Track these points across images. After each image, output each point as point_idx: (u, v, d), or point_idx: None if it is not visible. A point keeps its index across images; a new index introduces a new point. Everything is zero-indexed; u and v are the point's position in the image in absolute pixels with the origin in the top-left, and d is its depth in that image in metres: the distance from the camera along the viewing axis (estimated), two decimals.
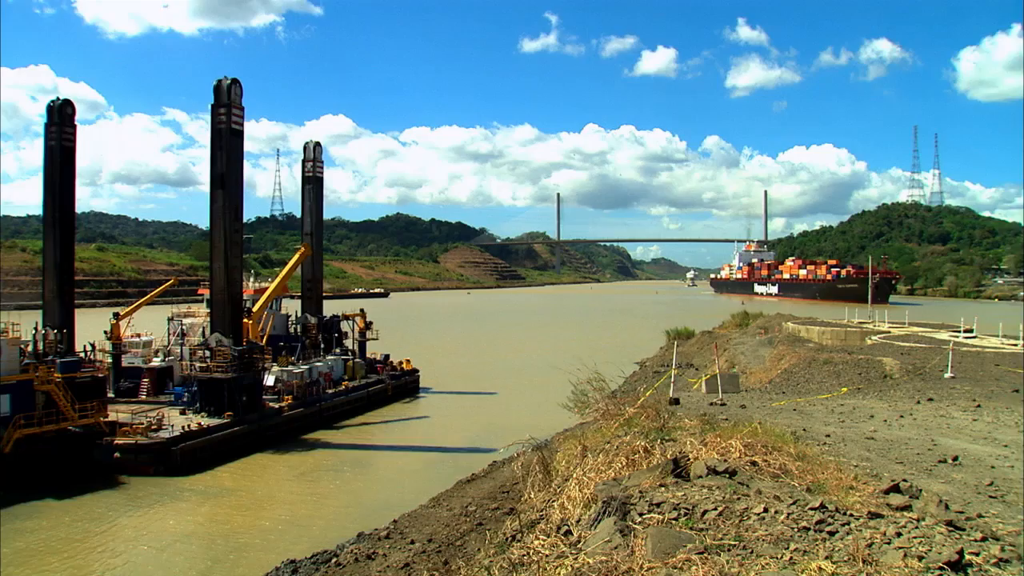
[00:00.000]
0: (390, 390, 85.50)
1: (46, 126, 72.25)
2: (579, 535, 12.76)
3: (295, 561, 33.76)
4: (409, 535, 30.13)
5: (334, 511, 47.14)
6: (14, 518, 46.04)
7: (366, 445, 66.53)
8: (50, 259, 72.15)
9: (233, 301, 66.55)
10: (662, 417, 21.56)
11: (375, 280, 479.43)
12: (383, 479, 56.22)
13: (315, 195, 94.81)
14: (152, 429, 57.68)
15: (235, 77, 66.34)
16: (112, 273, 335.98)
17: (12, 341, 54.65)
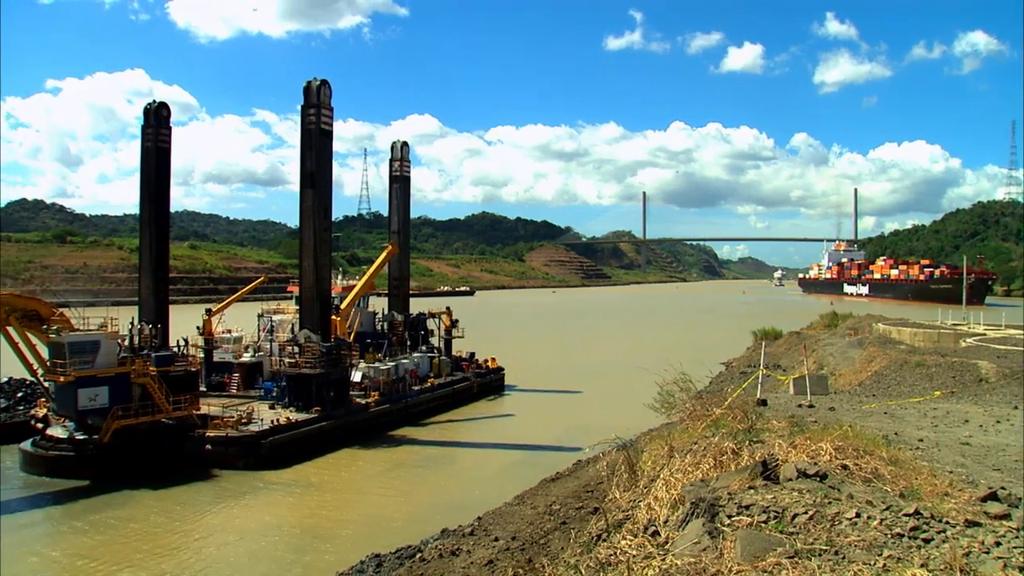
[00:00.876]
0: (475, 388, 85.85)
1: (142, 128, 74.14)
2: (667, 536, 12.64)
3: (379, 555, 34.03)
4: (493, 532, 30.14)
5: (418, 507, 47.41)
6: (110, 506, 47.41)
7: (451, 442, 66.85)
8: (146, 257, 73.99)
9: (322, 298, 67.40)
10: (750, 418, 21.24)
11: (461, 278, 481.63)
12: (467, 476, 56.44)
13: (402, 194, 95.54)
14: (242, 423, 58.77)
15: (324, 78, 67.22)
16: (204, 271, 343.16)
17: (110, 336, 56.13)
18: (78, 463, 53.49)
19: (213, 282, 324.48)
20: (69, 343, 53.31)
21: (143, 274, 74.66)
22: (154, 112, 73.84)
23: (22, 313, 53.37)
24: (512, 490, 40.54)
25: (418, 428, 70.34)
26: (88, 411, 53.72)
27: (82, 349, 53.78)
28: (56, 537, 43.56)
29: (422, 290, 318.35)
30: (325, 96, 67.35)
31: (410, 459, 59.96)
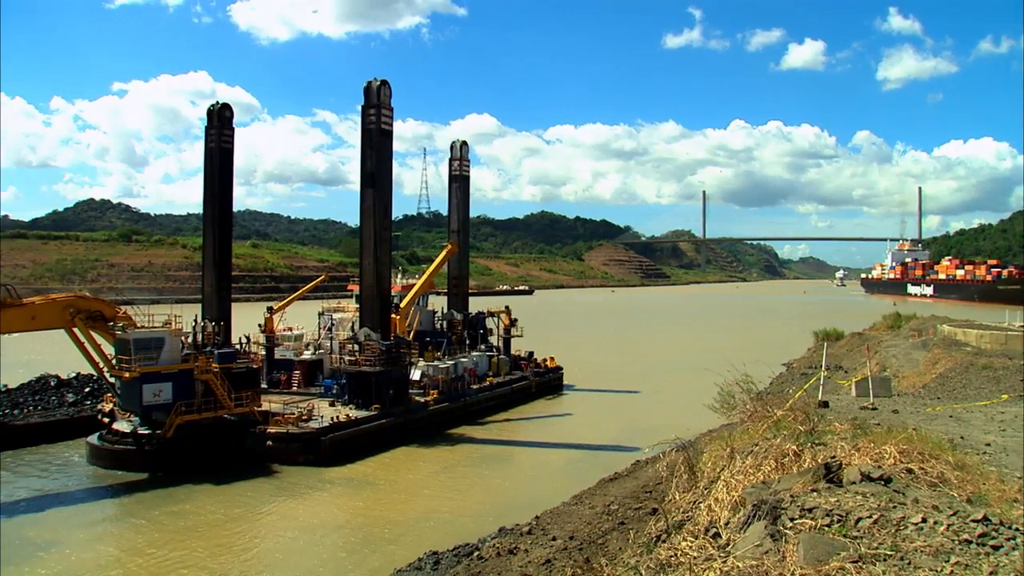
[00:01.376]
0: (534, 387, 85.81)
1: (206, 129, 75.14)
2: (728, 538, 12.50)
3: (437, 553, 34.12)
4: (551, 531, 30.09)
5: (476, 505, 47.52)
6: (172, 500, 48.15)
7: (509, 441, 66.89)
8: (209, 255, 74.91)
9: (382, 297, 67.76)
10: (811, 420, 20.95)
11: (520, 277, 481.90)
12: (525, 475, 56.42)
13: (461, 193, 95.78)
14: (303, 420, 59.30)
15: (384, 79, 67.56)
16: (266, 269, 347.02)
17: (174, 333, 57.03)
18: (140, 457, 54.58)
19: (274, 280, 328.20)
20: (134, 340, 54.33)
21: (206, 272, 75.60)
22: (217, 113, 74.76)
23: (86, 314, 54.56)
24: (570, 489, 40.44)
25: (476, 427, 70.50)
26: (152, 406, 54.68)
27: (147, 346, 54.78)
28: (117, 530, 44.38)
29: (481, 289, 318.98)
30: (385, 96, 67.67)
31: (468, 458, 60.10)
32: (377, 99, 67.15)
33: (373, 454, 59.08)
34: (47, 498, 49.56)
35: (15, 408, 67.28)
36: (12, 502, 48.54)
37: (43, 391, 71.49)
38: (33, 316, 52.84)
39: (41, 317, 53.33)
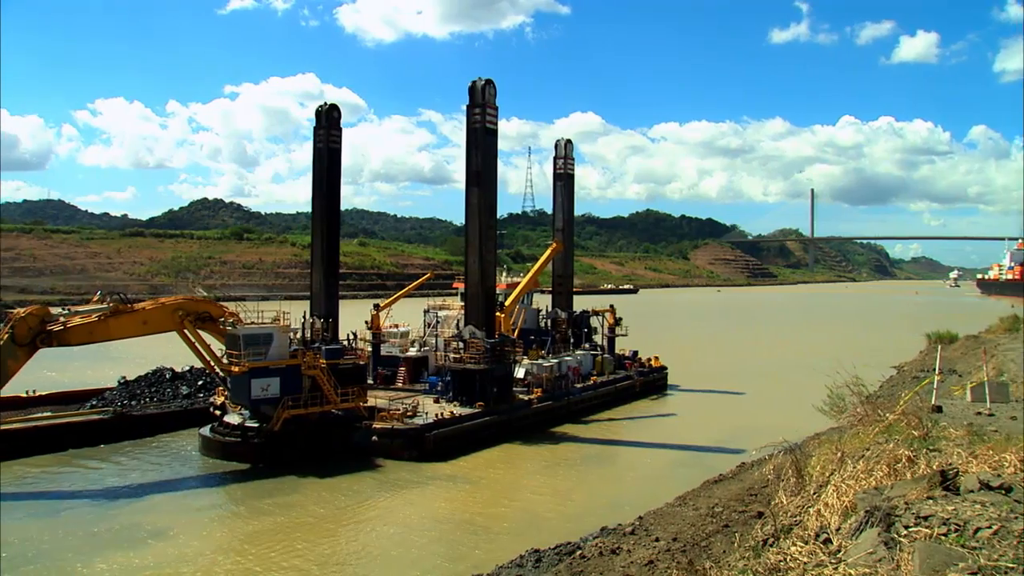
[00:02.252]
0: (638, 386, 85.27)
1: (315, 129, 76.62)
2: (839, 544, 12.18)
3: (538, 551, 34.02)
4: (654, 532, 29.79)
5: (578, 504, 47.37)
6: (278, 492, 49.22)
7: (612, 440, 66.55)
8: (317, 253, 76.30)
9: (487, 295, 68.04)
10: (925, 425, 20.37)
11: (624, 276, 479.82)
12: (627, 475, 56.10)
13: (566, 192, 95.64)
14: (408, 416, 59.87)
15: (489, 78, 67.82)
16: (372, 267, 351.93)
17: (283, 329, 58.19)
18: (247, 449, 56.05)
19: (381, 278, 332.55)
20: (244, 336, 55.73)
21: (315, 270, 76.95)
22: (325, 114, 76.10)
23: (195, 316, 56.56)
24: (673, 490, 40.02)
25: (579, 426, 70.31)
26: (260, 400, 55.92)
27: (256, 341, 56.12)
28: (224, 520, 45.43)
29: (585, 288, 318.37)
30: (490, 95, 67.93)
31: (571, 456, 59.98)
32: (482, 98, 67.43)
33: (476, 451, 59.38)
34: (161, 486, 51.34)
35: (133, 399, 69.74)
36: (129, 489, 50.42)
37: (159, 383, 73.87)
38: (144, 321, 55.07)
39: (152, 322, 55.39)
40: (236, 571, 36.73)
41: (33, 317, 51.46)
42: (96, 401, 69.22)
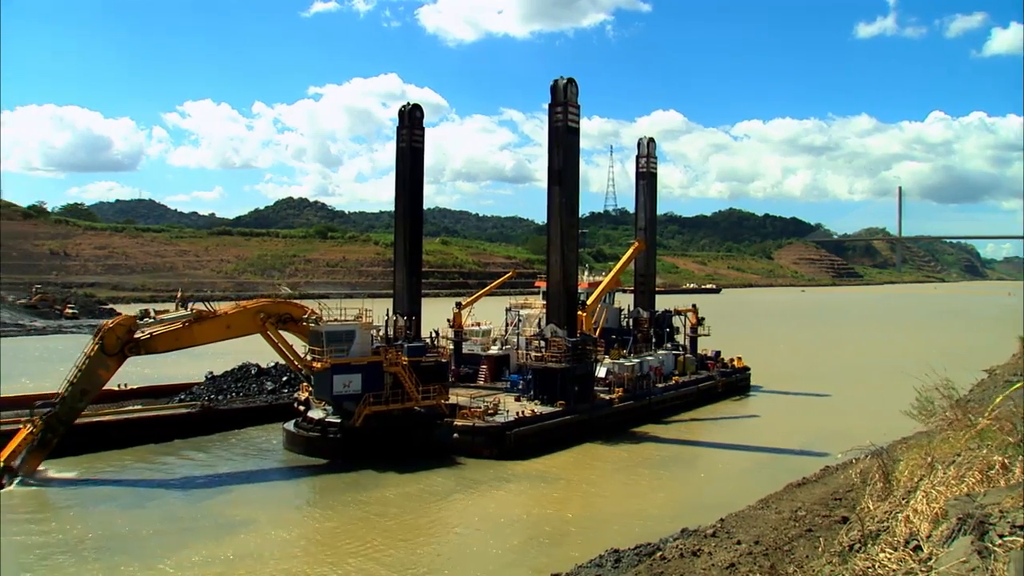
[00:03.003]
0: (720, 387, 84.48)
1: (397, 129, 77.31)
2: (930, 552, 11.85)
3: (618, 551, 33.82)
4: (735, 535, 29.44)
5: (658, 505, 47.10)
6: (358, 487, 49.88)
7: (693, 441, 65.97)
8: (400, 251, 76.88)
9: (568, 293, 67.90)
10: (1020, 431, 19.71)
11: (707, 276, 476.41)
12: (708, 476, 55.68)
13: (648, 190, 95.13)
14: (489, 413, 60.01)
15: (570, 77, 67.63)
16: (454, 265, 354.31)
17: (365, 326, 58.86)
18: (328, 444, 56.94)
19: (463, 276, 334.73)
20: (326, 333, 56.54)
21: (397, 268, 77.54)
22: (408, 114, 76.65)
23: (276, 317, 57.48)
24: (755, 493, 39.55)
25: (660, 426, 69.85)
26: (342, 396, 56.68)
27: (338, 338, 56.91)
28: (305, 514, 46.21)
29: (668, 287, 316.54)
30: (572, 94, 67.76)
31: (651, 456, 59.62)
32: (564, 97, 67.29)
33: (557, 450, 59.30)
34: (245, 479, 52.47)
35: (219, 394, 71.40)
36: (215, 481, 51.70)
37: (244, 379, 75.47)
38: (228, 325, 56.31)
39: (235, 325, 56.58)
40: (313, 566, 37.22)
41: (121, 327, 52.99)
42: (184, 395, 71.06)
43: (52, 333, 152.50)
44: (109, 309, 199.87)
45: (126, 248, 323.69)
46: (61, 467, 52.33)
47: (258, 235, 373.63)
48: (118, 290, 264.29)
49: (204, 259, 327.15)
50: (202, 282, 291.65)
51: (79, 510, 46.16)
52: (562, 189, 67.47)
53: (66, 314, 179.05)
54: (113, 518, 43.88)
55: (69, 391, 51.58)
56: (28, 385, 78.76)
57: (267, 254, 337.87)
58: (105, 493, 49.04)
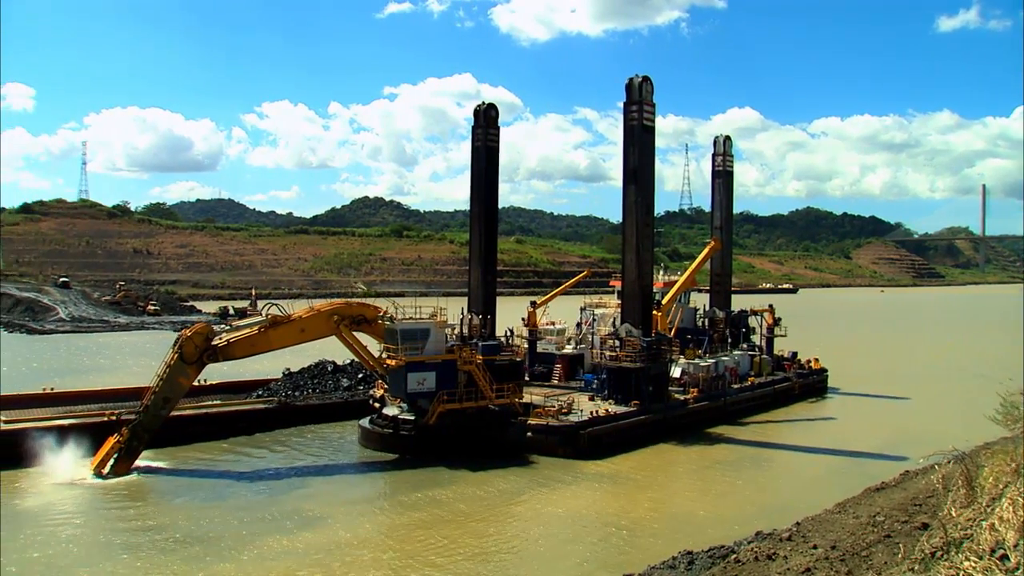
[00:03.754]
0: (797, 388, 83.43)
1: (473, 128, 77.69)
2: (1017, 562, 11.58)
3: (691, 552, 33.60)
4: (811, 539, 29.04)
5: (731, 507, 46.69)
6: (431, 484, 50.29)
7: (768, 443, 65.21)
8: (475, 250, 77.26)
9: (643, 293, 67.63)
10: None
11: (783, 275, 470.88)
12: (784, 479, 55.03)
13: (724, 189, 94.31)
14: (562, 413, 60.04)
15: (645, 75, 67.30)
16: (529, 264, 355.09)
17: (439, 324, 59.26)
18: (402, 441, 57.61)
19: (537, 275, 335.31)
20: (401, 331, 57.17)
21: (472, 267, 77.92)
22: (483, 113, 77.00)
23: (350, 320, 58.19)
24: (831, 497, 39.03)
25: (735, 427, 69.19)
26: (416, 394, 57.24)
27: (413, 336, 57.49)
28: (377, 510, 46.55)
29: (743, 287, 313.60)
30: (647, 92, 67.45)
31: (726, 458, 59.10)
32: (639, 95, 67.03)
33: (630, 450, 59.09)
34: (320, 474, 53.44)
35: (296, 390, 72.52)
36: (291, 475, 52.71)
37: (321, 375, 76.56)
38: (302, 329, 57.25)
39: (310, 329, 57.50)
40: (383, 562, 37.60)
41: (198, 335, 53.95)
42: (262, 391, 72.32)
43: (135, 329, 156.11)
44: (189, 306, 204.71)
45: (206, 246, 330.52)
46: (143, 458, 53.67)
47: (334, 234, 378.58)
48: (198, 287, 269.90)
49: (282, 257, 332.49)
50: (279, 280, 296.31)
51: (160, 501, 47.66)
52: (638, 188, 67.24)
53: (148, 311, 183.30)
54: (192, 510, 44.99)
55: (152, 399, 53.02)
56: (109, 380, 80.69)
57: (343, 253, 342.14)
58: (184, 485, 50.43)
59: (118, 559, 37.80)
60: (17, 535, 40.47)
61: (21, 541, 39.64)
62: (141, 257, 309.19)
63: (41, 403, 65.01)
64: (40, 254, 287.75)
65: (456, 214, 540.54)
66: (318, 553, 38.26)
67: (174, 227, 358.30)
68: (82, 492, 48.63)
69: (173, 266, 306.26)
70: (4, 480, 49.83)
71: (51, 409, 62.80)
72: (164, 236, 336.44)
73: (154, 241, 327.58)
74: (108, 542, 40.37)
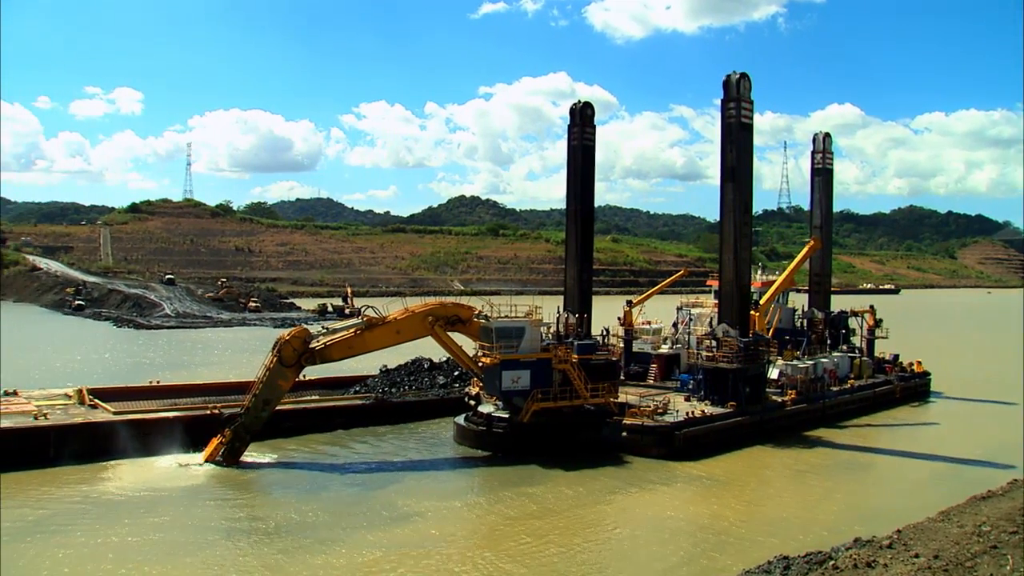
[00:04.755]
0: (898, 392, 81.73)
1: (568, 127, 77.89)
2: None
3: (787, 558, 33.17)
4: (913, 548, 28.50)
5: (828, 512, 46.05)
6: (523, 482, 50.66)
7: (868, 448, 64.00)
8: (572, 249, 77.41)
9: (741, 293, 67.01)
10: None
11: (885, 276, 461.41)
12: (883, 485, 54.06)
13: (824, 187, 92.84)
14: (658, 413, 59.77)
15: (743, 72, 66.63)
16: (625, 263, 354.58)
17: (534, 323, 59.54)
18: (495, 439, 58.08)
19: (633, 274, 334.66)
20: (496, 329, 57.65)
21: (568, 265, 77.99)
22: (579, 112, 76.99)
23: (445, 320, 58.80)
24: (934, 505, 38.26)
25: (834, 430, 68.00)
26: (511, 392, 57.56)
27: (508, 334, 57.91)
28: (468, 507, 47.05)
29: (843, 287, 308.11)
30: (745, 89, 66.80)
31: (823, 462, 58.22)
32: (737, 92, 66.41)
33: (726, 452, 58.62)
34: (416, 470, 54.32)
35: (393, 386, 73.69)
36: (386, 470, 53.72)
37: (417, 372, 77.64)
38: (398, 331, 58.28)
39: (405, 330, 58.46)
40: (474, 559, 37.91)
41: (296, 339, 55.17)
42: (359, 387, 73.67)
43: (237, 325, 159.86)
44: (289, 303, 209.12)
45: (305, 245, 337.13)
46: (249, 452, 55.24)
47: (431, 232, 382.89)
48: (298, 285, 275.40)
49: (379, 256, 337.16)
50: (377, 278, 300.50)
51: (258, 493, 49.25)
52: (735, 186, 66.64)
53: (250, 307, 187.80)
54: (288, 502, 46.19)
55: (253, 402, 54.53)
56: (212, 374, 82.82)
57: (440, 251, 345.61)
58: (282, 478, 51.82)
59: (218, 546, 39.07)
60: (122, 520, 42.17)
61: (126, 526, 41.22)
62: (243, 255, 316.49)
63: (148, 396, 67.77)
64: (147, 252, 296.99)
65: (552, 213, 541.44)
66: (407, 548, 38.88)
67: (274, 226, 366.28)
68: (185, 481, 50.21)
69: (274, 264, 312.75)
70: (111, 469, 52.03)
71: (157, 401, 65.66)
72: (265, 235, 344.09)
73: (255, 239, 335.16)
74: (208, 529, 41.71)
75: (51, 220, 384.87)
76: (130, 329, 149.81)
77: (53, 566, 35.98)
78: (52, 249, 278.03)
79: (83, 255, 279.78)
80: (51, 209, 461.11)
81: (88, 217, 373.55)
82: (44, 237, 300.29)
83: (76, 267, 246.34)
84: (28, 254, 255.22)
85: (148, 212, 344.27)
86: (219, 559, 37.38)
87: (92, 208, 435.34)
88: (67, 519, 42.36)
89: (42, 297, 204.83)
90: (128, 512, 43.58)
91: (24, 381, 72.10)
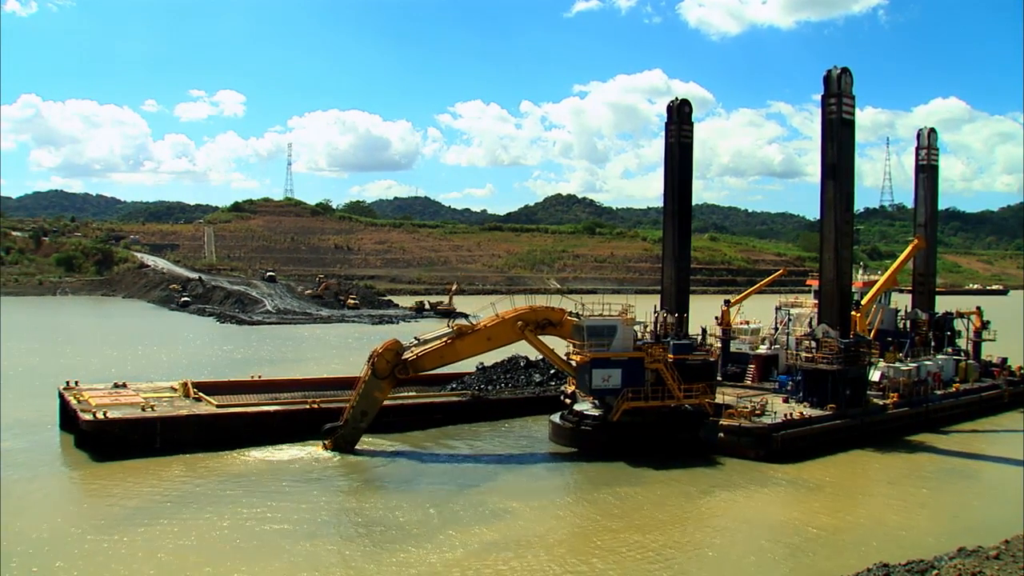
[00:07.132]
0: (1007, 396, 79.09)
1: (666, 125, 77.28)
2: None
3: (887, 566, 32.31)
4: (1022, 560, 27.50)
5: (931, 520, 45.10)
6: (615, 481, 50.75)
7: (973, 454, 62.16)
8: (669, 248, 76.82)
9: (842, 293, 65.72)
10: None
11: (993, 276, 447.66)
12: (989, 493, 52.49)
13: (929, 184, 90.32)
14: (755, 414, 58.93)
15: (844, 67, 65.34)
16: (723, 262, 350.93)
17: (627, 322, 59.35)
18: (586, 437, 58.12)
19: (731, 273, 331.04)
20: (588, 327, 57.74)
21: (665, 264, 77.42)
22: (676, 109, 76.26)
23: (535, 324, 59.03)
24: None
25: (938, 435, 66.22)
26: (602, 390, 57.56)
27: (599, 333, 57.85)
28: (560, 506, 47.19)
29: (948, 288, 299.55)
30: (846, 85, 65.47)
31: (926, 467, 56.86)
32: (838, 88, 65.16)
33: (824, 455, 57.57)
34: (510, 466, 54.83)
35: (489, 384, 74.39)
36: (481, 467, 54.43)
37: (513, 370, 78.27)
38: (489, 337, 58.96)
39: (496, 336, 59.12)
40: (564, 558, 37.94)
41: (389, 352, 56.31)
42: (455, 384, 74.35)
43: (336, 322, 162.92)
44: (387, 300, 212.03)
45: (403, 243, 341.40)
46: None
47: (528, 231, 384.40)
48: (395, 282, 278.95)
49: (476, 254, 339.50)
50: (474, 276, 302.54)
51: (354, 487, 49.92)
52: (836, 183, 65.40)
53: (348, 304, 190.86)
54: (383, 497, 47.23)
55: (351, 413, 55.86)
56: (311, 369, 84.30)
57: (536, 249, 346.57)
58: (378, 473, 52.80)
59: (299, 541, 39.56)
60: (222, 512, 43.35)
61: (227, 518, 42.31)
62: (342, 253, 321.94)
63: (249, 390, 69.76)
64: (249, 250, 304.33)
65: (648, 211, 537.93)
66: (496, 545, 39.10)
67: (373, 224, 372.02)
68: (284, 474, 51.23)
69: (372, 261, 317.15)
70: (212, 460, 53.60)
71: (258, 395, 67.62)
72: (363, 233, 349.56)
73: (354, 237, 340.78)
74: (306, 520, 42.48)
75: (158, 219, 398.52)
76: (232, 325, 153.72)
77: (151, 550, 37.17)
78: (159, 247, 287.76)
79: (188, 253, 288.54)
80: (158, 208, 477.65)
81: (193, 216, 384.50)
82: (151, 235, 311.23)
83: (181, 264, 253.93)
84: (136, 252, 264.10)
85: (250, 211, 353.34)
86: (314, 551, 38.02)
87: (197, 207, 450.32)
88: (168, 506, 44.22)
89: (149, 293, 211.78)
90: (223, 504, 44.75)
91: (133, 374, 74.50)
